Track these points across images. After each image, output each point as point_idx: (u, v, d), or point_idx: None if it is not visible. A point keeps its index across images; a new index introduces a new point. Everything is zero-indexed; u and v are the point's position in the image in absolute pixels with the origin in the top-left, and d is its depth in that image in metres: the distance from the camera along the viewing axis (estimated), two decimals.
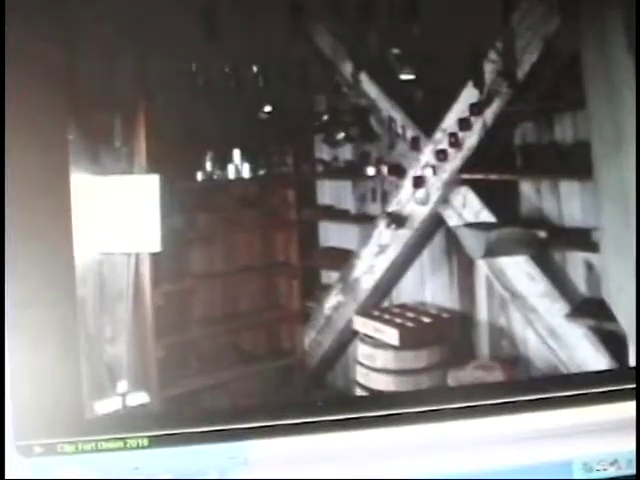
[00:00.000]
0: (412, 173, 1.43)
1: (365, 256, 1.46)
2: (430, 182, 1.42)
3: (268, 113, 1.37)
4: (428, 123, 1.42)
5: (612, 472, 0.96)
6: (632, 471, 0.96)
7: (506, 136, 1.38)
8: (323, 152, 1.46)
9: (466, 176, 1.41)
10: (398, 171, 1.43)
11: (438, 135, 1.41)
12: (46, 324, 0.94)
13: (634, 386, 0.98)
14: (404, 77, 1.36)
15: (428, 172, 1.42)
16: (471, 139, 1.39)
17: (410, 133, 1.43)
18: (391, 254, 1.45)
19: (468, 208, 1.40)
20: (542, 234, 1.36)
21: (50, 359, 0.94)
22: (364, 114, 1.42)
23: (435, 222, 1.44)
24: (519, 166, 1.38)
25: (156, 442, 0.94)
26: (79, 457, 0.93)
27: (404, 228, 1.44)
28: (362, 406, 1.00)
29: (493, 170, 1.38)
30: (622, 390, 0.98)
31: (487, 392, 1.02)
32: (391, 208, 1.45)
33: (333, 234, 1.49)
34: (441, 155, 1.40)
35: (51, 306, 0.94)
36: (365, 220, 1.48)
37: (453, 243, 1.42)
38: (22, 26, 0.94)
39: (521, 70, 1.33)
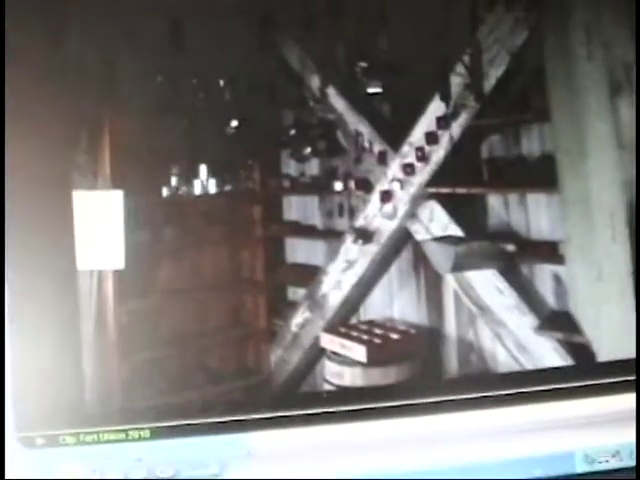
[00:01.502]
0: (379, 187, 1.43)
1: (332, 272, 1.45)
2: (397, 196, 1.41)
3: (235, 128, 1.36)
4: (395, 137, 1.42)
5: (614, 463, 0.96)
6: (634, 462, 0.96)
7: (473, 149, 1.38)
8: (290, 167, 1.45)
9: (433, 190, 1.40)
10: (365, 186, 1.43)
11: (405, 149, 1.41)
12: (47, 315, 0.94)
13: (634, 378, 0.98)
14: (371, 90, 1.35)
15: (395, 186, 1.41)
16: (438, 153, 1.38)
17: (377, 147, 1.42)
18: (359, 269, 1.44)
19: (435, 222, 1.39)
20: (510, 247, 1.36)
21: (51, 350, 0.94)
22: (331, 128, 1.42)
23: (403, 237, 1.43)
24: (486, 179, 1.39)
25: (158, 433, 0.94)
26: (80, 448, 0.93)
27: (371, 243, 1.43)
28: (367, 397, 0.99)
29: (460, 184, 1.39)
30: (624, 382, 0.98)
31: (488, 384, 1.02)
32: (358, 223, 1.44)
33: (300, 250, 1.49)
34: (408, 169, 1.40)
35: (52, 297, 0.95)
36: (332, 235, 1.48)
37: (421, 258, 1.41)
38: None
39: (488, 83, 1.33)
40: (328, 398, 1.02)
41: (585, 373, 1.01)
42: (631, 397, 0.96)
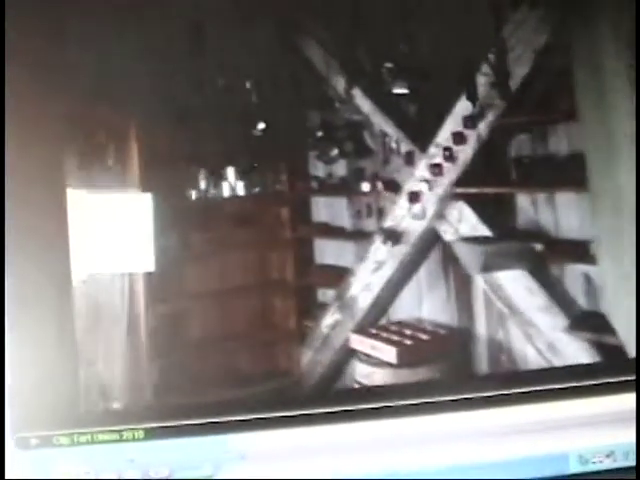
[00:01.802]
0: (407, 188, 1.42)
1: (361, 273, 1.44)
2: (425, 197, 1.40)
3: (262, 130, 1.35)
4: (422, 137, 1.41)
5: (608, 464, 0.96)
6: (628, 463, 0.96)
7: (501, 149, 1.37)
8: (317, 169, 1.44)
9: (461, 190, 1.39)
10: (393, 186, 1.42)
11: (432, 149, 1.39)
12: (43, 319, 0.95)
13: (632, 378, 0.98)
14: (397, 91, 1.35)
15: (423, 187, 1.40)
16: (465, 153, 1.37)
17: (404, 148, 1.41)
18: (387, 271, 1.43)
19: (464, 223, 1.38)
20: (539, 247, 1.34)
21: (46, 352, 0.94)
22: (357, 129, 1.41)
23: (431, 237, 1.42)
24: (514, 179, 1.37)
25: (152, 434, 0.94)
26: (75, 449, 0.93)
27: (400, 244, 1.42)
28: (362, 398, 0.99)
29: (488, 183, 1.37)
30: (619, 382, 0.98)
31: (482, 384, 1.02)
32: (387, 224, 1.43)
33: (329, 252, 1.48)
34: (436, 169, 1.39)
35: (48, 302, 0.95)
36: (361, 237, 1.46)
37: (450, 259, 1.40)
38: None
39: (513, 82, 1.31)
40: (323, 399, 1.03)
41: (583, 373, 1.01)
42: (627, 397, 0.96)
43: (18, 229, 0.93)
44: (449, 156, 1.38)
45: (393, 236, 1.42)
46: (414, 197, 1.41)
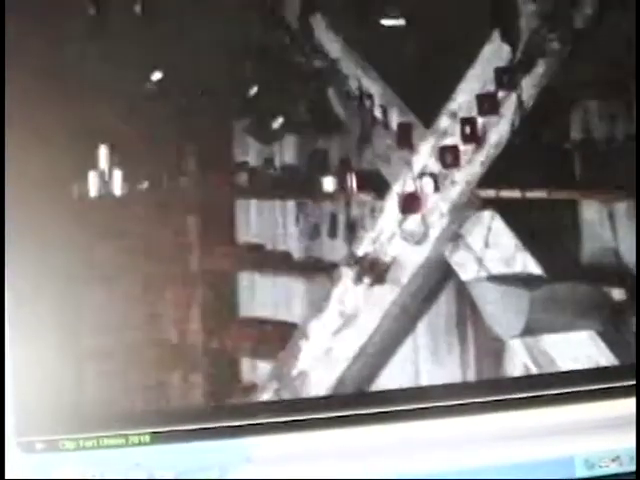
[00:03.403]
0: (398, 188, 0.99)
1: (317, 333, 0.99)
2: (429, 203, 0.99)
3: (156, 82, 0.93)
4: (427, 102, 1.00)
5: (614, 468, 0.96)
6: (634, 468, 0.96)
7: (558, 125, 0.99)
8: (248, 151, 1.00)
9: (491, 193, 0.99)
10: (375, 184, 1.00)
11: (443, 121, 0.98)
12: (47, 320, 0.94)
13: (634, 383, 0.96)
14: (387, 23, 0.95)
15: (426, 186, 0.98)
16: (499, 129, 0.97)
17: (396, 118, 0.99)
18: (364, 329, 0.99)
19: (495, 249, 0.99)
20: (618, 294, 0.97)
21: (51, 355, 0.94)
22: (318, 85, 0.99)
23: (438, 273, 1.02)
24: (580, 177, 0.99)
25: (158, 438, 0.94)
26: (80, 453, 0.94)
27: (385, 284, 1.00)
28: (368, 402, 0.97)
29: (536, 183, 0.98)
30: (624, 387, 0.96)
31: (487, 389, 0.97)
32: (363, 249, 1.00)
33: (262, 295, 1.02)
34: (448, 156, 0.98)
35: (52, 302, 0.95)
36: (318, 270, 1.03)
37: (468, 309, 1.01)
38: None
39: (580, 14, 0.94)
40: (329, 403, 0.97)
41: (588, 378, 0.97)
42: (631, 401, 0.95)
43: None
44: (471, 134, 0.98)
45: (373, 270, 1.00)
46: (410, 203, 0.99)
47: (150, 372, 1.04)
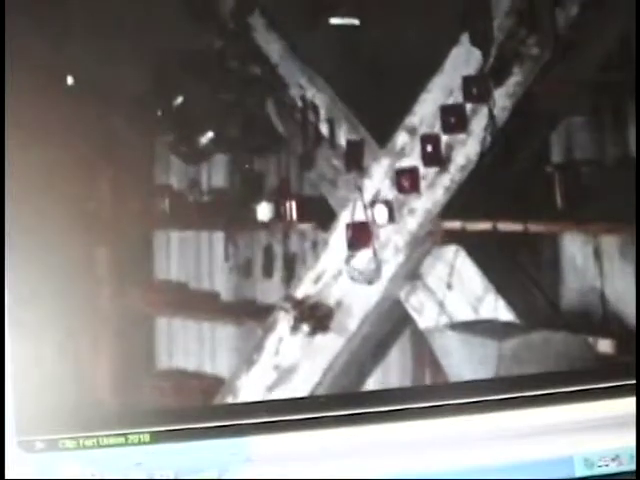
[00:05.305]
0: (346, 217, 0.90)
1: (247, 390, 0.91)
2: (383, 236, 0.89)
3: (68, 89, 0.84)
4: (381, 115, 0.91)
5: (614, 468, 0.93)
6: (634, 467, 0.94)
7: (534, 146, 0.90)
8: (170, 171, 0.92)
9: (456, 225, 0.90)
10: (318, 212, 0.91)
11: (401, 139, 0.88)
12: (47, 319, 0.89)
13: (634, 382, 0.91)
14: (336, 22, 0.87)
15: (379, 215, 0.89)
16: (466, 149, 0.88)
17: (345, 134, 0.90)
18: (302, 386, 0.90)
19: (458, 291, 0.89)
20: (606, 345, 0.88)
21: (51, 354, 0.90)
22: (255, 94, 0.90)
23: (392, 320, 0.92)
24: (561, 205, 0.89)
25: (158, 438, 0.91)
26: (80, 453, 0.92)
27: (328, 332, 0.90)
28: (366, 402, 0.91)
29: (509, 213, 0.88)
30: (624, 385, 0.91)
31: (487, 388, 0.90)
32: (302, 290, 0.90)
33: (183, 342, 0.94)
34: (406, 180, 0.88)
35: (52, 302, 0.89)
36: (249, 314, 0.93)
37: (427, 363, 0.92)
38: None
39: (563, 14, 0.84)
40: (327, 403, 0.91)
41: (588, 377, 0.91)
42: (631, 401, 0.91)
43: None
44: (433, 154, 0.88)
45: (315, 316, 0.90)
46: (360, 235, 0.89)
47: None
